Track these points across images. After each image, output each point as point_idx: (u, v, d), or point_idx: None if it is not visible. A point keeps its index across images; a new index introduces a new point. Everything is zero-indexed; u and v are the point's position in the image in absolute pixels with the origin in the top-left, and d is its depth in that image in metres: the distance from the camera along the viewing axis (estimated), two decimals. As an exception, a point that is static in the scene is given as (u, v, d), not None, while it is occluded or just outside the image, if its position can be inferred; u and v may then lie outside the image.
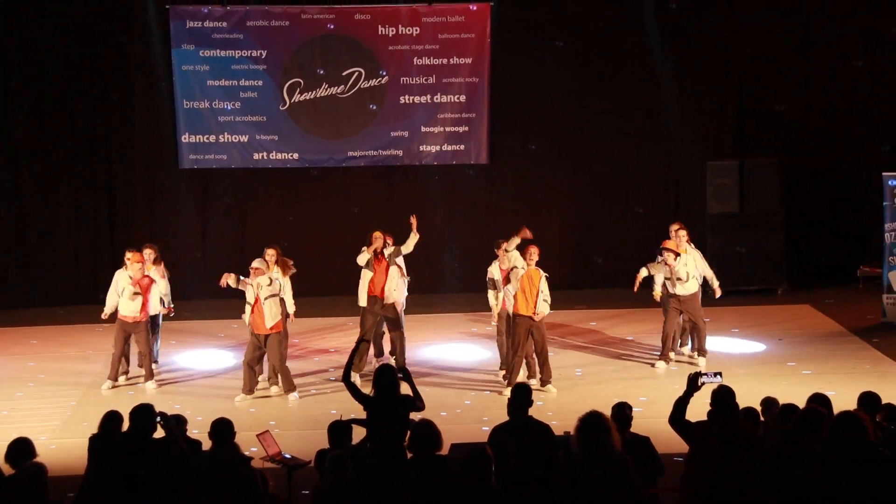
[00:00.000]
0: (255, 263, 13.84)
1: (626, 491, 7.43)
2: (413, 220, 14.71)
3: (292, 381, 13.93)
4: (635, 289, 14.75)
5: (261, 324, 13.70)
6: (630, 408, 9.39)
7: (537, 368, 14.04)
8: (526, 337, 13.77)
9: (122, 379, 14.56)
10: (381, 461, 8.92)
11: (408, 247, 14.65)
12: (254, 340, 13.79)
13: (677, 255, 14.57)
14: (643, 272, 14.72)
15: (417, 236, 14.71)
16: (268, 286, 13.73)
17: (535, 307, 13.65)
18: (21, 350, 16.52)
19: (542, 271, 13.82)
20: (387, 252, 14.58)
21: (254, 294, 13.71)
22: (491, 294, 14.47)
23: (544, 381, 13.87)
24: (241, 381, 13.89)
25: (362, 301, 14.62)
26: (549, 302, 13.82)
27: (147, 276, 14.37)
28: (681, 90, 19.98)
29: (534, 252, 13.79)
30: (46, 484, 7.97)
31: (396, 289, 14.58)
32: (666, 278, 14.70)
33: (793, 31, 19.79)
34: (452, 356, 15.78)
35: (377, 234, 14.64)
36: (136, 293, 14.16)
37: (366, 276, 14.56)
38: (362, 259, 14.55)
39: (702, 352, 14.83)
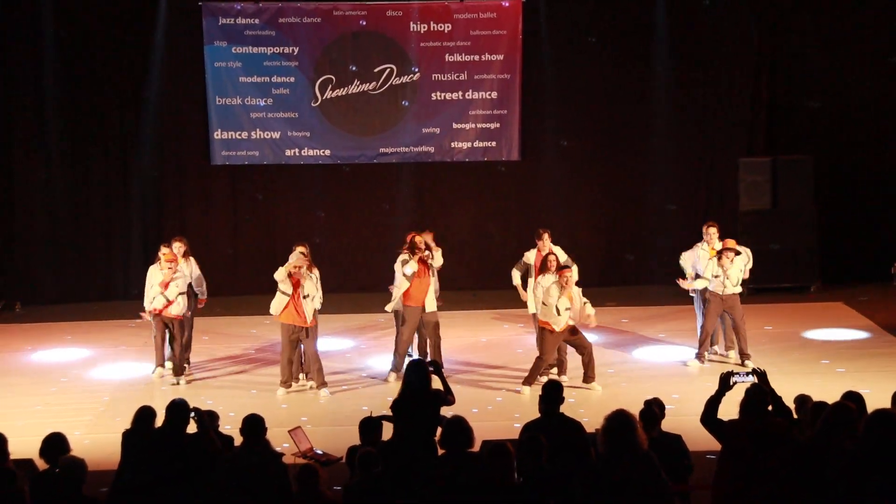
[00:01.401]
0: (299, 261, 13.76)
1: (652, 490, 7.41)
2: (430, 238, 14.63)
3: (324, 376, 13.96)
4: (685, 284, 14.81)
5: (301, 318, 13.70)
6: (661, 405, 9.37)
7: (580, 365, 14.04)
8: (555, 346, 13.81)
9: (168, 365, 14.62)
10: (411, 457, 8.93)
11: (437, 261, 14.53)
12: (287, 333, 13.77)
13: (737, 253, 14.51)
14: (696, 284, 14.72)
15: (439, 249, 14.65)
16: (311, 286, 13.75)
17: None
18: (54, 346, 16.62)
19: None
20: (431, 263, 14.43)
21: (291, 288, 13.67)
22: (515, 272, 14.55)
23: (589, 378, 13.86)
24: (276, 377, 13.94)
25: (399, 306, 14.46)
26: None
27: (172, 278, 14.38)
28: (713, 86, 19.90)
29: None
30: (83, 480, 8.02)
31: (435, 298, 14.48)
32: (714, 276, 14.57)
33: (827, 26, 19.67)
34: (483, 353, 15.78)
35: (419, 240, 14.32)
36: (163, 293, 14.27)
37: (404, 283, 14.29)
38: (409, 269, 14.18)
39: (745, 355, 14.67)
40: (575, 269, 14.03)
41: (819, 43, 19.70)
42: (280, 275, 13.68)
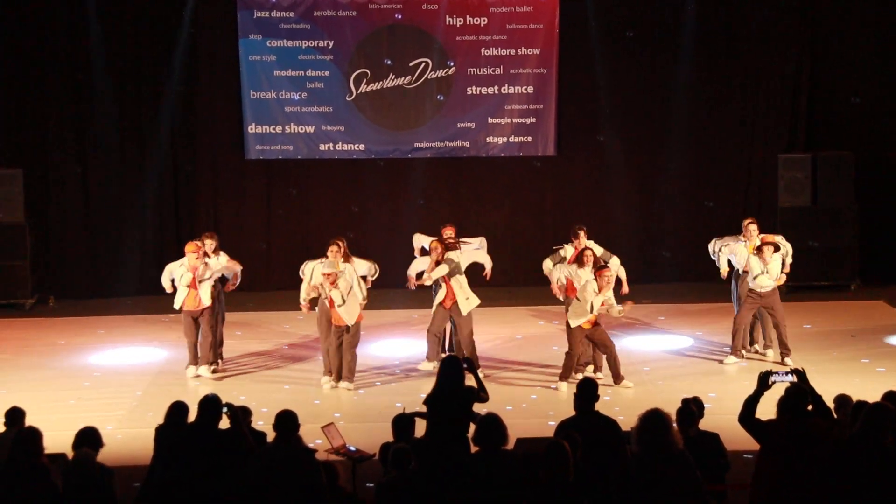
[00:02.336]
0: (326, 269, 13.79)
1: (687, 490, 7.39)
2: (451, 232, 14.72)
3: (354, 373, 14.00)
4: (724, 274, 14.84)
5: (340, 319, 13.76)
6: (700, 404, 9.34)
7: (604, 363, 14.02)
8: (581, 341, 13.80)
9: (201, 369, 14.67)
10: (445, 455, 8.93)
11: (439, 272, 14.48)
12: (333, 330, 13.82)
13: (777, 248, 14.44)
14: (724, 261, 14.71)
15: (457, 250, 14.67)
16: (345, 287, 13.75)
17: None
18: (87, 340, 16.73)
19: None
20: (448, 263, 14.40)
21: (328, 295, 13.72)
22: (546, 261, 14.62)
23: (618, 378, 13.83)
24: (310, 372, 13.99)
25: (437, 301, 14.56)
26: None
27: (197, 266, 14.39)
28: (753, 81, 19.80)
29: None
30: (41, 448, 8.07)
31: (469, 297, 14.42)
32: (753, 273, 14.43)
33: (870, 19, 19.53)
34: (518, 350, 15.77)
35: (434, 245, 14.45)
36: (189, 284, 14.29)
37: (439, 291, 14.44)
38: (440, 271, 14.32)
39: (786, 351, 14.59)
40: (615, 260, 14.01)
41: (861, 35, 19.56)
42: (303, 294, 13.81)
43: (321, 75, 19.62)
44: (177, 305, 14.44)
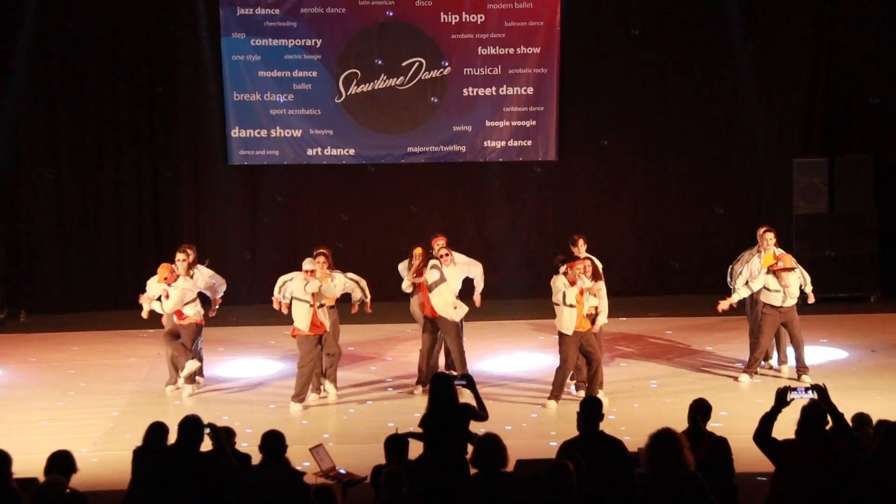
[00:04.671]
0: (308, 266, 13.81)
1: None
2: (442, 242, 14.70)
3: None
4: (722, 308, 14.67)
5: (322, 327, 13.79)
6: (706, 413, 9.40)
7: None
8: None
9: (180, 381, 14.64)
10: (441, 478, 8.91)
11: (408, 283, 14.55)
12: (309, 345, 13.79)
13: (791, 270, 14.43)
14: (740, 293, 14.61)
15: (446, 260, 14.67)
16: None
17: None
18: (61, 357, 16.69)
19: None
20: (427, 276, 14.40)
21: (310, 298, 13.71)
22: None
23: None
24: (294, 390, 13.97)
25: (419, 318, 14.65)
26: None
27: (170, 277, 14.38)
28: (765, 81, 19.84)
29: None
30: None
31: (457, 306, 14.41)
32: (769, 289, 14.43)
33: (888, 17, 19.56)
34: (518, 366, 15.76)
35: (417, 252, 14.50)
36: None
37: (415, 297, 14.56)
38: (406, 286, 14.52)
39: (803, 369, 14.56)
40: (602, 287, 13.90)
41: (879, 32, 19.59)
42: (313, 287, 13.74)
43: (308, 76, 19.63)
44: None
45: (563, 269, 13.62)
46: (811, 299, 14.89)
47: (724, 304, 14.69)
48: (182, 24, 19.46)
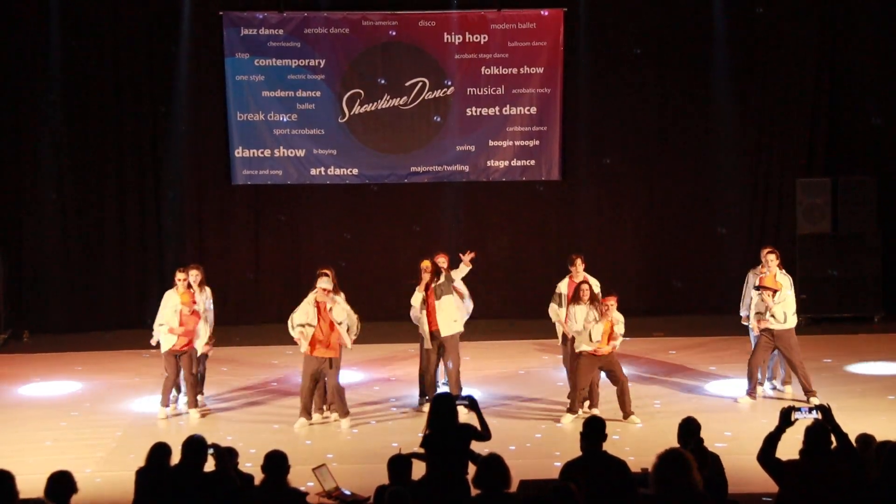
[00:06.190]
0: (326, 284, 13.75)
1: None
2: (468, 256, 14.57)
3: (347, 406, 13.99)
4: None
5: (331, 349, 13.75)
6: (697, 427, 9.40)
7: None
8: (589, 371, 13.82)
9: (172, 407, 14.62)
10: (444, 498, 8.89)
11: (459, 273, 14.51)
12: (312, 366, 13.76)
13: (775, 292, 14.37)
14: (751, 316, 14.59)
15: (469, 267, 14.59)
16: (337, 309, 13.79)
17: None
18: (65, 377, 16.68)
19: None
20: (436, 285, 14.41)
21: (316, 316, 13.68)
22: (553, 307, 14.54)
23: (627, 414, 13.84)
24: (299, 411, 13.94)
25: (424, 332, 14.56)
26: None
27: (195, 311, 14.35)
28: (768, 101, 19.86)
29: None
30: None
31: (457, 320, 14.46)
32: (758, 312, 14.47)
33: (891, 39, 19.58)
34: (521, 385, 15.73)
35: (425, 265, 14.47)
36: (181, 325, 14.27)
37: (423, 314, 14.46)
38: (416, 300, 14.42)
39: (809, 392, 14.46)
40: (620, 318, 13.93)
41: (883, 53, 19.61)
42: (300, 317, 13.70)
43: (312, 96, 19.67)
44: (165, 348, 14.42)
45: (585, 298, 13.63)
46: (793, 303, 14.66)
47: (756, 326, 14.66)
48: (186, 45, 19.47)
